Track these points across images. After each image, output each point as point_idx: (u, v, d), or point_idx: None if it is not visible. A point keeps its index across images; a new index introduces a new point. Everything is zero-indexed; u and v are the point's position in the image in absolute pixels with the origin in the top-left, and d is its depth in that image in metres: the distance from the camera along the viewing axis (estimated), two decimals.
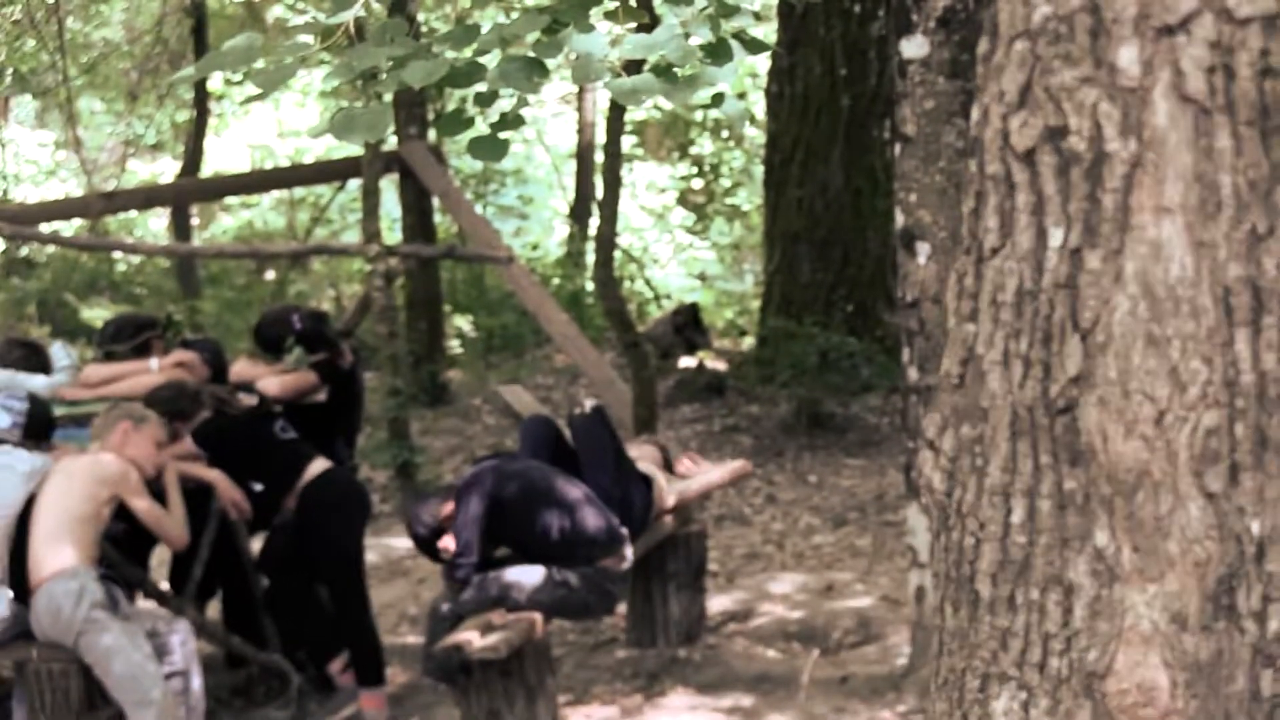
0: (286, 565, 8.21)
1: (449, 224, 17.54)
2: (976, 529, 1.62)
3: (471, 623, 7.23)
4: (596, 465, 8.19)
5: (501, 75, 4.72)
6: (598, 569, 7.51)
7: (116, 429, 7.63)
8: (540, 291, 13.45)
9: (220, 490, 8.04)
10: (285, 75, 4.44)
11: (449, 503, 7.67)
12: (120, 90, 25.48)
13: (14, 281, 20.97)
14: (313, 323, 8.77)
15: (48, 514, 7.30)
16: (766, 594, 9.77)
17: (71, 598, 7.02)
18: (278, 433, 8.07)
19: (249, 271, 22.16)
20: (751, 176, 23.41)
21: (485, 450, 13.85)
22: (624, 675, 8.61)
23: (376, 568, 10.91)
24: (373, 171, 12.57)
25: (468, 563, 7.47)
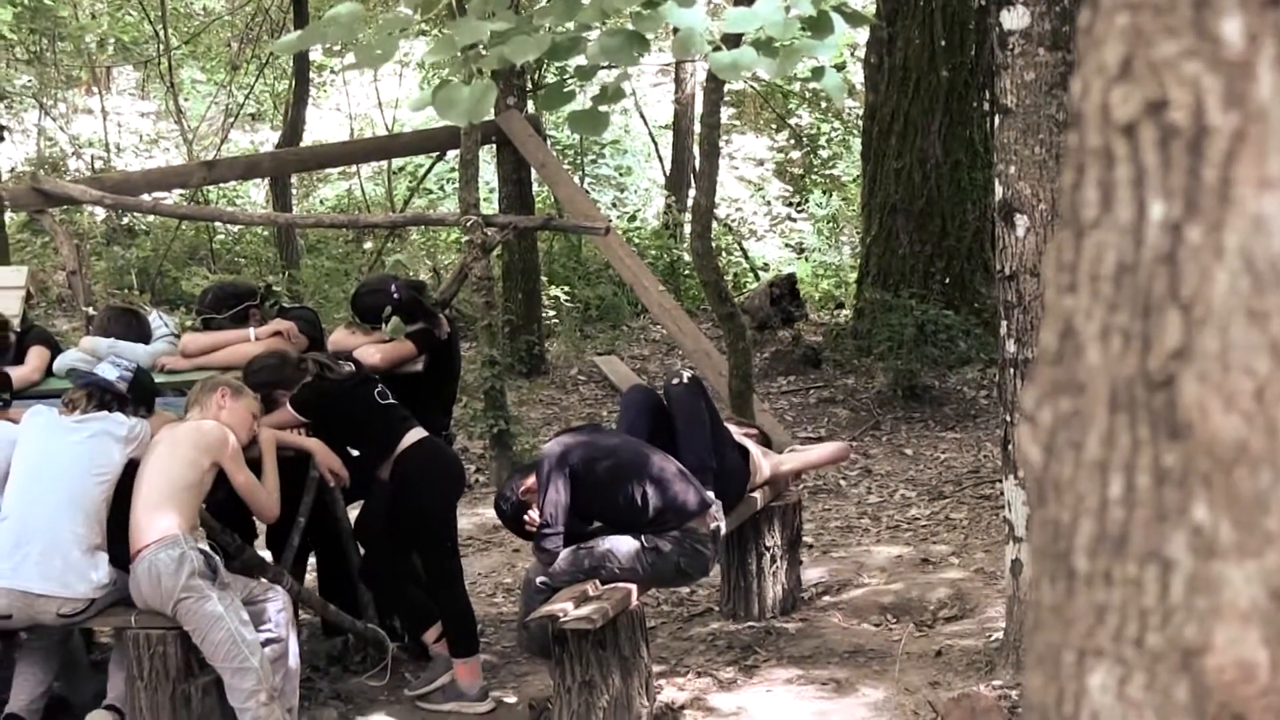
0: (382, 534, 8.25)
1: (546, 194, 17.55)
2: (1073, 503, 1.62)
3: (566, 594, 7.26)
4: (692, 435, 8.20)
5: (602, 49, 4.72)
6: (686, 531, 7.52)
7: (213, 398, 7.69)
8: (637, 262, 13.46)
9: (318, 458, 8.09)
10: (387, 49, 4.46)
11: (531, 478, 7.70)
12: (221, 60, 25.65)
13: (115, 250, 21.14)
14: (410, 293, 8.80)
15: (150, 481, 7.36)
16: (862, 567, 9.76)
17: (172, 565, 7.08)
18: (376, 398, 8.09)
19: (347, 241, 22.27)
20: (850, 148, 23.34)
21: (581, 420, 13.88)
22: (718, 647, 8.62)
23: (472, 537, 10.97)
24: (471, 142, 12.59)
25: (555, 534, 7.49)
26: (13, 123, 22.60)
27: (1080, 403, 1.59)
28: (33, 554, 7.24)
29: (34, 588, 7.24)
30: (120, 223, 22.13)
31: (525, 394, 15.58)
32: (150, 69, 25.76)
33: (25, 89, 24.60)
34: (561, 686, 7.20)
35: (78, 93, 25.92)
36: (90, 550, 7.32)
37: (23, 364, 8.69)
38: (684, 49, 4.88)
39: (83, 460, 7.41)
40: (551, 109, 4.52)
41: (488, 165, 16.41)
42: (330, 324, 10.36)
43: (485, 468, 12.70)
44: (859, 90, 19.25)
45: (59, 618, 7.33)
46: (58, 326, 16.72)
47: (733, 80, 7.59)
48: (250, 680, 7.09)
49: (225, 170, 16.10)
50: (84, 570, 7.28)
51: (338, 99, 27.01)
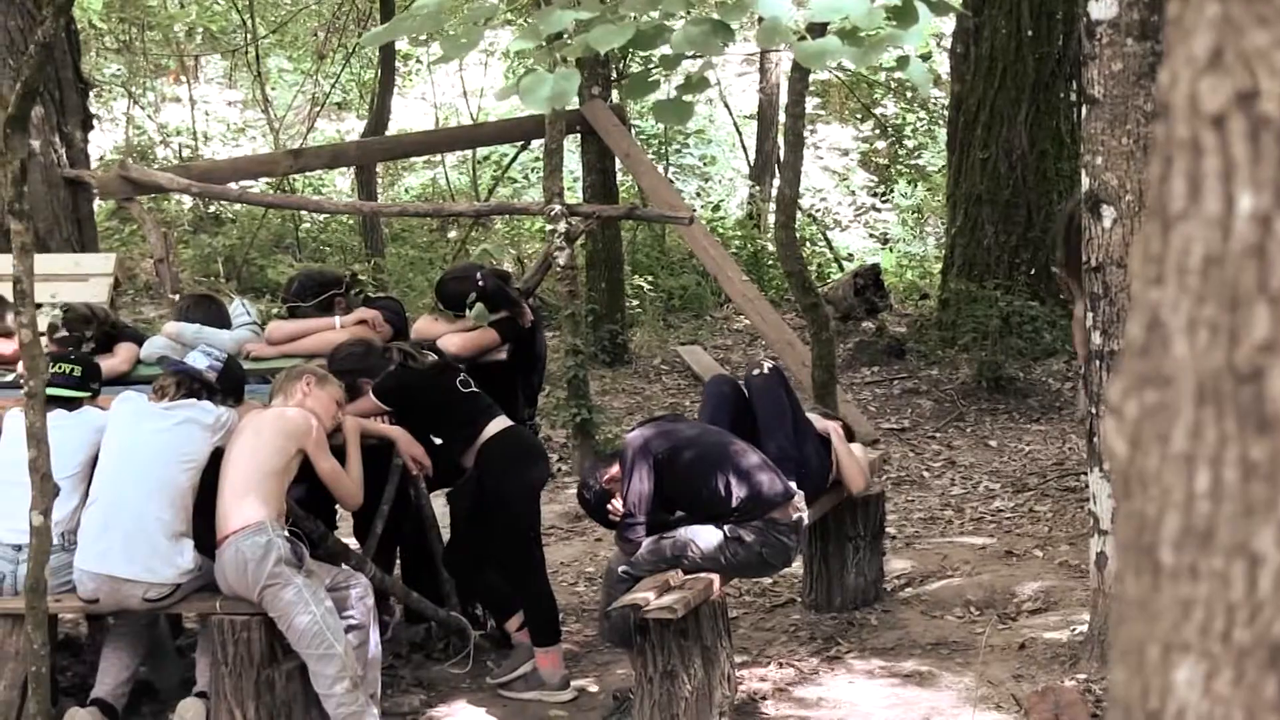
0: (465, 522, 8.27)
1: (630, 184, 17.57)
2: (1159, 496, 1.60)
3: (648, 583, 7.25)
4: (774, 425, 8.19)
5: (686, 38, 4.71)
6: (768, 521, 7.50)
7: (298, 385, 7.72)
8: (720, 252, 13.45)
9: (401, 446, 8.11)
10: (472, 39, 4.46)
11: (614, 467, 7.70)
12: (308, 50, 25.76)
13: (202, 238, 21.27)
14: (494, 281, 8.81)
15: (237, 468, 7.40)
16: (945, 558, 9.72)
17: (258, 552, 7.12)
18: (459, 386, 8.11)
19: (432, 230, 22.34)
20: (935, 138, 23.26)
21: (663, 410, 13.87)
22: (800, 637, 8.60)
23: (554, 526, 10.98)
24: (555, 131, 12.61)
25: (637, 524, 7.49)
26: (102, 111, 22.77)
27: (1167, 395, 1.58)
28: (119, 539, 7.29)
29: (120, 572, 7.29)
30: (207, 211, 22.27)
31: (608, 383, 15.59)
32: (238, 58, 25.91)
33: (115, 78, 24.79)
34: (643, 676, 7.19)
35: (166, 81, 26.10)
36: (176, 536, 7.37)
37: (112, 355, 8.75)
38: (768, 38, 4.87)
39: (170, 447, 7.46)
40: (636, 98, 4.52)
41: (572, 155, 16.40)
42: (414, 312, 10.38)
43: (568, 456, 12.72)
44: (945, 80, 19.17)
45: (145, 603, 7.39)
46: (145, 314, 16.85)
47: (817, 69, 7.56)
48: (334, 666, 7.12)
49: (311, 159, 16.18)
50: (170, 556, 7.33)
51: (423, 88, 27.09)
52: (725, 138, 25.55)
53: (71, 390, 7.75)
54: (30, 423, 4.82)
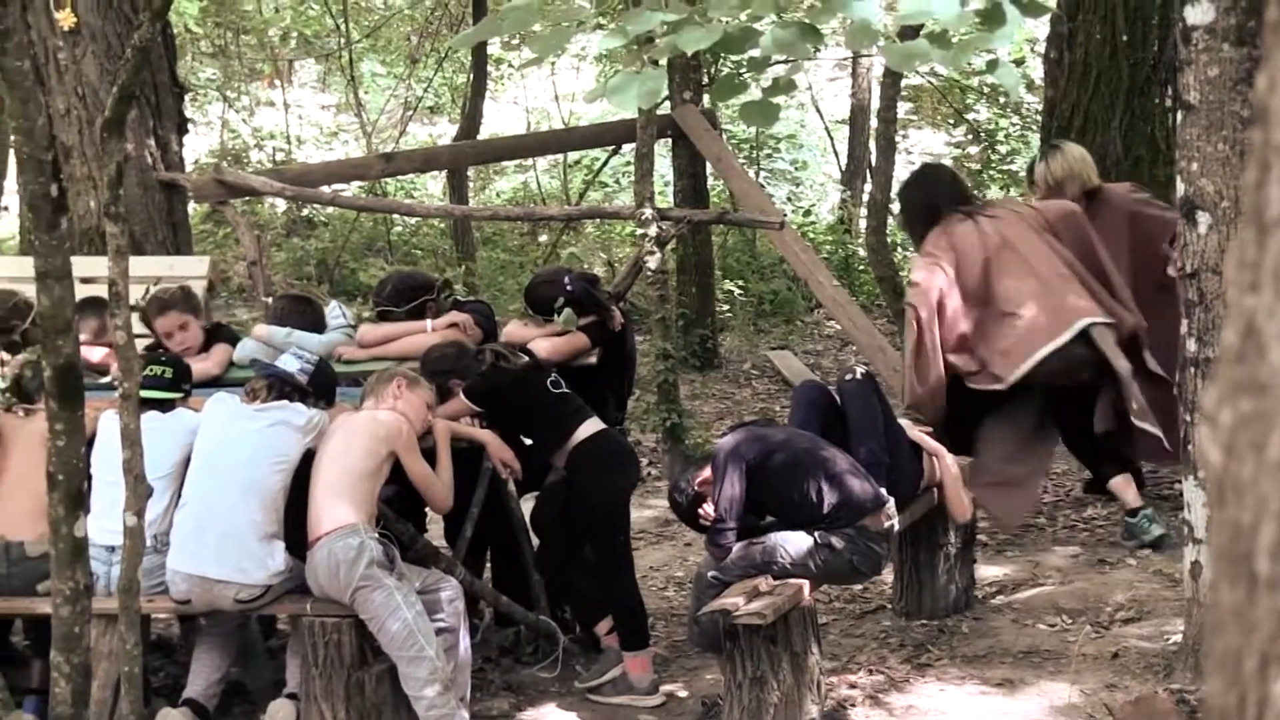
0: (555, 525, 8.27)
1: (722, 188, 17.55)
2: (1255, 505, 1.58)
3: (737, 589, 7.24)
4: (866, 431, 8.16)
5: (774, 41, 4.70)
6: (859, 529, 7.48)
7: (389, 388, 7.75)
8: (811, 257, 13.40)
9: (491, 450, 8.13)
10: (561, 40, 4.47)
11: (705, 471, 7.69)
12: (401, 54, 25.85)
13: (295, 241, 21.39)
14: (584, 285, 8.81)
15: (329, 470, 7.44)
16: (1037, 566, 9.65)
17: (350, 554, 7.15)
18: (549, 387, 8.11)
19: (523, 234, 22.37)
20: (1028, 144, 23.09)
21: (754, 415, 13.84)
22: (890, 644, 8.56)
23: (644, 530, 10.97)
24: (646, 136, 12.60)
25: (728, 529, 7.48)
26: (197, 115, 22.93)
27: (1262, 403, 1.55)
28: (211, 540, 7.35)
29: (212, 573, 7.34)
30: (300, 214, 22.38)
31: (698, 388, 15.57)
32: (331, 62, 26.05)
33: (210, 82, 24.97)
34: (732, 682, 7.18)
35: (260, 86, 26.25)
36: (267, 538, 7.42)
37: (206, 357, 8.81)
38: (857, 41, 4.86)
39: (262, 449, 7.50)
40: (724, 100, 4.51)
41: (663, 159, 16.41)
42: (505, 316, 10.40)
43: (658, 461, 12.71)
44: (1038, 85, 19.05)
45: (236, 604, 7.43)
46: (238, 316, 16.95)
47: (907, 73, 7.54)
48: (425, 669, 7.14)
49: (403, 163, 16.22)
50: (261, 557, 7.38)
51: (515, 92, 27.14)
52: (817, 142, 25.48)
53: (164, 392, 7.81)
54: (124, 424, 4.85)
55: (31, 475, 7.22)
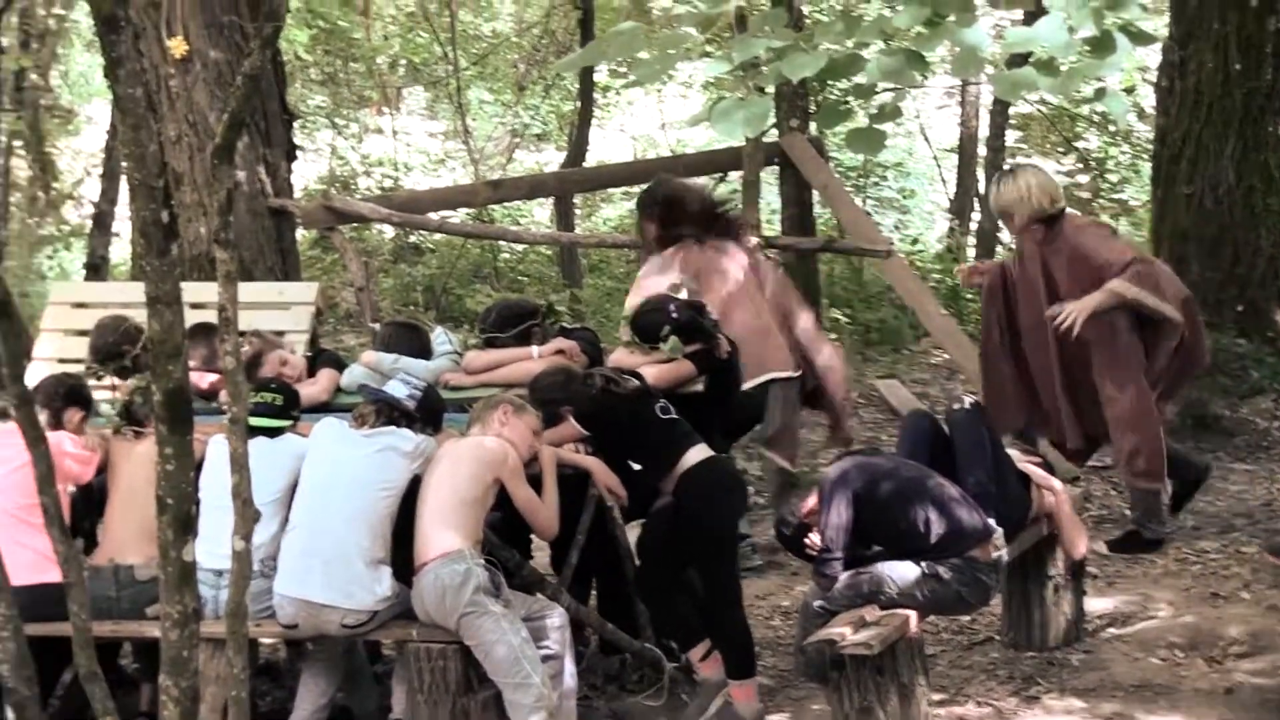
0: (661, 552, 8.25)
1: (828, 216, 17.48)
2: None
3: (844, 618, 7.21)
4: (974, 461, 8.10)
5: (880, 68, 4.68)
6: (967, 559, 7.44)
7: (495, 414, 7.76)
8: (919, 286, 13.35)
9: (597, 476, 8.12)
10: (665, 65, 4.47)
11: (812, 500, 7.67)
12: (508, 81, 25.96)
13: (402, 268, 21.49)
14: (690, 313, 8.80)
15: (435, 496, 7.46)
16: (1148, 599, 9.55)
17: (457, 580, 7.17)
18: (658, 413, 8.09)
19: (629, 261, 22.37)
20: (1139, 173, 22.92)
21: (860, 444, 13.79)
22: (999, 676, 8.50)
23: (752, 558, 10.94)
24: (753, 163, 12.59)
25: (835, 559, 7.45)
26: (306, 142, 23.09)
27: None
28: (318, 565, 7.39)
29: (318, 598, 7.38)
30: (407, 240, 22.50)
31: (804, 416, 15.51)
32: (439, 89, 26.17)
33: (319, 109, 25.14)
34: (839, 713, 7.14)
35: (369, 113, 26.42)
36: (374, 563, 7.45)
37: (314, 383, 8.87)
38: (964, 69, 4.83)
39: (369, 474, 7.54)
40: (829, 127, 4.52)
41: (770, 187, 16.35)
42: (610, 344, 10.40)
43: (764, 490, 12.66)
44: (1149, 114, 18.90)
45: (342, 629, 7.46)
46: (345, 342, 17.06)
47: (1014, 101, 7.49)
48: (531, 696, 7.15)
49: (510, 190, 16.26)
50: (368, 582, 7.41)
51: (622, 120, 27.20)
52: (925, 171, 25.38)
53: (273, 419, 7.86)
54: (233, 449, 4.87)
55: (141, 499, 7.29)
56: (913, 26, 4.71)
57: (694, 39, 4.57)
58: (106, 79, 4.17)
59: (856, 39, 4.68)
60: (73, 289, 13.56)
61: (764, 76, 4.51)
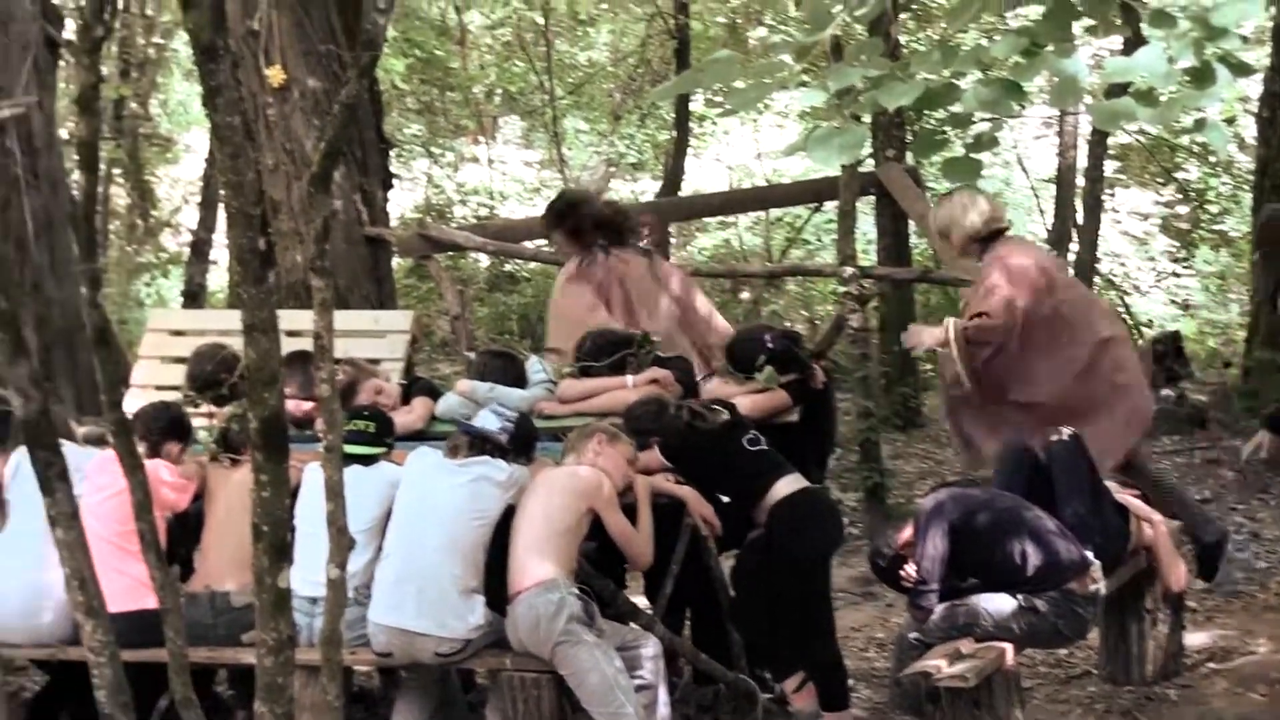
0: (755, 582, 8.22)
1: (925, 246, 17.45)
2: None
3: (939, 650, 7.17)
4: (1072, 493, 8.04)
5: (977, 98, 4.65)
6: (1065, 592, 7.39)
7: (590, 443, 7.76)
8: None
9: (691, 506, 8.10)
10: (760, 94, 4.45)
11: (908, 531, 7.63)
12: (604, 110, 26.02)
13: (497, 296, 21.57)
14: (785, 343, 8.78)
15: (529, 525, 7.46)
16: (1248, 633, 9.45)
17: (550, 609, 7.16)
18: (746, 445, 8.07)
19: (724, 290, 22.37)
20: (1240, 203, 22.77)
21: (956, 476, 13.73)
22: (1096, 711, 8.42)
23: (844, 590, 10.90)
24: (849, 193, 12.57)
25: (930, 590, 7.41)
26: (402, 171, 23.22)
27: None
28: (412, 593, 7.40)
29: (413, 626, 7.39)
30: (502, 269, 22.57)
31: (900, 447, 15.47)
32: (535, 118, 26.27)
33: (415, 138, 25.28)
34: None
35: (465, 142, 26.54)
36: (467, 592, 7.45)
37: (409, 411, 8.89)
38: (1062, 98, 4.79)
39: (463, 503, 7.55)
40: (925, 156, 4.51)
41: (866, 217, 16.36)
42: None
43: (859, 521, 12.63)
44: (1250, 145, 18.78)
45: (436, 657, 7.47)
46: (440, 370, 17.12)
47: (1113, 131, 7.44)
48: None
49: None
50: (461, 611, 7.41)
51: (717, 149, 27.21)
52: (1022, 201, 25.27)
53: (367, 446, 7.88)
54: (328, 477, 4.89)
55: (237, 526, 7.33)
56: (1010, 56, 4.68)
57: (789, 67, 4.54)
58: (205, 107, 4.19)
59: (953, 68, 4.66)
60: (170, 316, 13.65)
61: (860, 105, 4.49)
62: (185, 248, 22.00)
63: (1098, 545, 7.75)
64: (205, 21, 3.78)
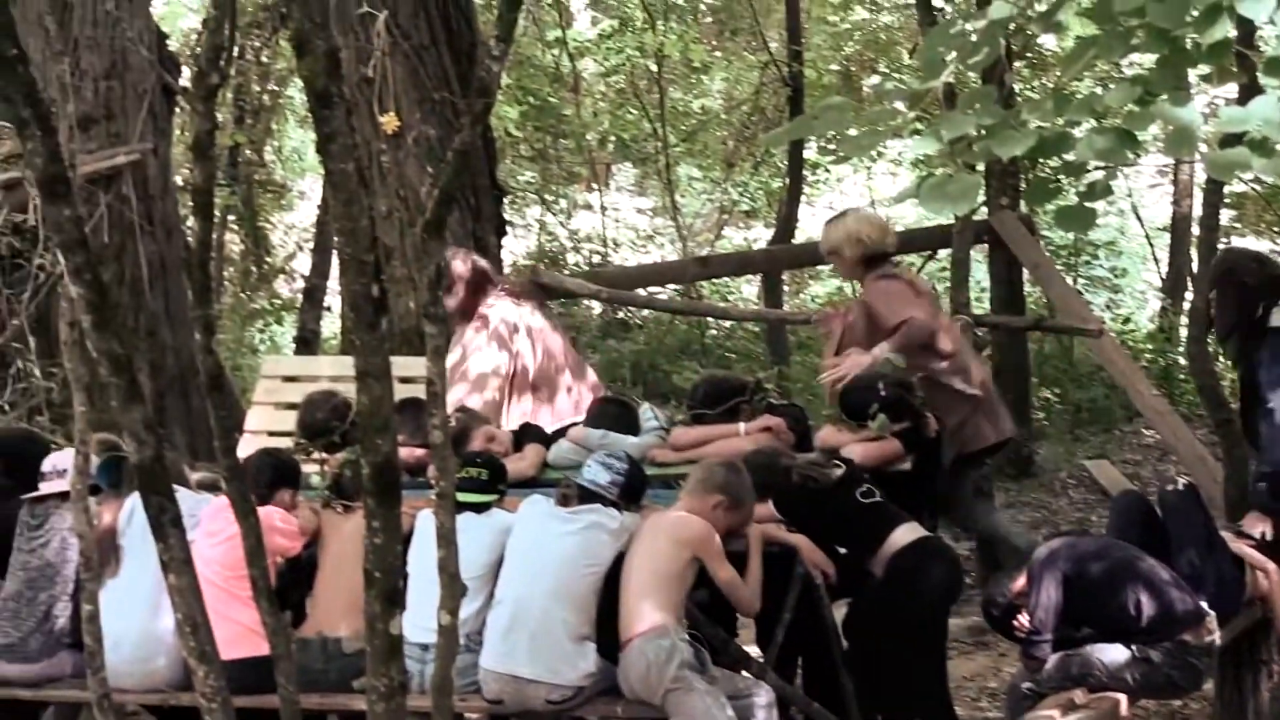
0: (869, 631, 8.19)
1: (1038, 295, 17.34)
2: None
3: (1053, 701, 7.13)
4: (1186, 542, 7.98)
5: (1091, 147, 4.63)
6: (1179, 643, 7.33)
7: (701, 489, 7.77)
8: (1131, 365, 13.17)
9: (804, 554, 8.09)
10: (873, 141, 4.45)
11: (1021, 580, 7.58)
12: (717, 158, 26.05)
13: (610, 343, 21.59)
14: (898, 391, 8.76)
15: (638, 572, 7.47)
16: None
17: (662, 656, 7.17)
18: (860, 498, 8.05)
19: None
20: None
21: (1070, 525, 13.63)
22: None
23: (957, 639, 10.83)
24: (963, 241, 12.52)
25: (1044, 640, 7.36)
26: (515, 218, 23.33)
27: None
28: (524, 640, 7.41)
29: (524, 673, 7.40)
30: (615, 317, 22.61)
31: (1013, 496, 15.37)
32: (648, 166, 26.33)
33: (528, 185, 25.39)
34: None
35: (578, 189, 26.63)
36: (579, 639, 7.46)
37: (521, 457, 8.93)
38: (1177, 148, 4.76)
39: (574, 551, 7.56)
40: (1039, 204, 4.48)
41: (979, 265, 16.28)
42: (818, 421, 10.37)
43: (972, 570, 12.55)
44: None
45: (547, 704, 7.48)
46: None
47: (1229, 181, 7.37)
48: None
49: (719, 266, 16.33)
50: (573, 658, 7.42)
51: (831, 197, 27.17)
52: (1137, 249, 25.11)
53: (479, 494, 7.91)
54: (440, 523, 4.91)
55: (349, 572, 7.34)
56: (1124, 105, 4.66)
57: (903, 115, 4.54)
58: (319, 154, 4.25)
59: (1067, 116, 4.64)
60: (283, 362, 13.79)
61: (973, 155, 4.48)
62: (299, 294, 22.17)
63: (1213, 595, 7.68)
64: (320, 68, 3.82)
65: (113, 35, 12.65)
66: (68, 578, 8.17)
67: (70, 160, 5.83)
